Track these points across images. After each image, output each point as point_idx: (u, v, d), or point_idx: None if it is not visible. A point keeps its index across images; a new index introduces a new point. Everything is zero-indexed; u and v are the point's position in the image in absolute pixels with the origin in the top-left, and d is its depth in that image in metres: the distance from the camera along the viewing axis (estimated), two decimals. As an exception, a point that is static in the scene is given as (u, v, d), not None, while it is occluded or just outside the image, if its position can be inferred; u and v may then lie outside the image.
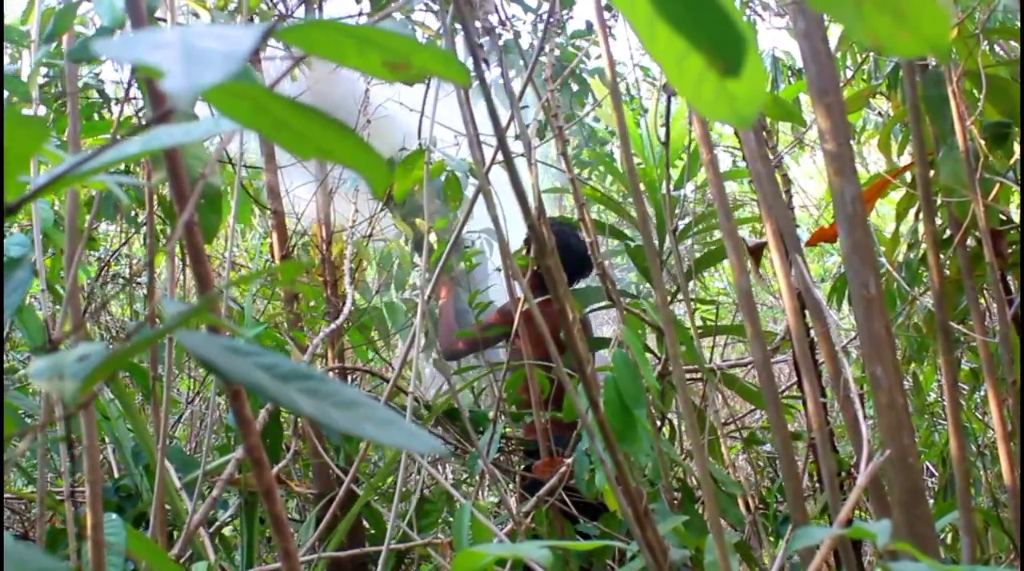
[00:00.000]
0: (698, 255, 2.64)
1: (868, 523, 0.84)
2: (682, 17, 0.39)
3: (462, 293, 3.28)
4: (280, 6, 2.45)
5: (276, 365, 0.45)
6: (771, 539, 2.15)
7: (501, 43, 2.43)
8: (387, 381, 2.48)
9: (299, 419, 2.61)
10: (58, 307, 1.96)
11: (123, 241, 3.17)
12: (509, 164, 0.85)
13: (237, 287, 2.78)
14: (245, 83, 0.45)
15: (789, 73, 3.89)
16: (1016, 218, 1.90)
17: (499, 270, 2.91)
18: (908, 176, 2.04)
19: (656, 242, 2.28)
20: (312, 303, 2.87)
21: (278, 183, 2.77)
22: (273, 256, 2.81)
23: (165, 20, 1.45)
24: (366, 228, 2.88)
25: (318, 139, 0.46)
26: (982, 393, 2.76)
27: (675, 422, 2.56)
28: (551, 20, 1.90)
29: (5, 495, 2.52)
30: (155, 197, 1.67)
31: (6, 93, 1.83)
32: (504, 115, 1.60)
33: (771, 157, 1.83)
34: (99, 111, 2.56)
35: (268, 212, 2.78)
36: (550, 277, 0.92)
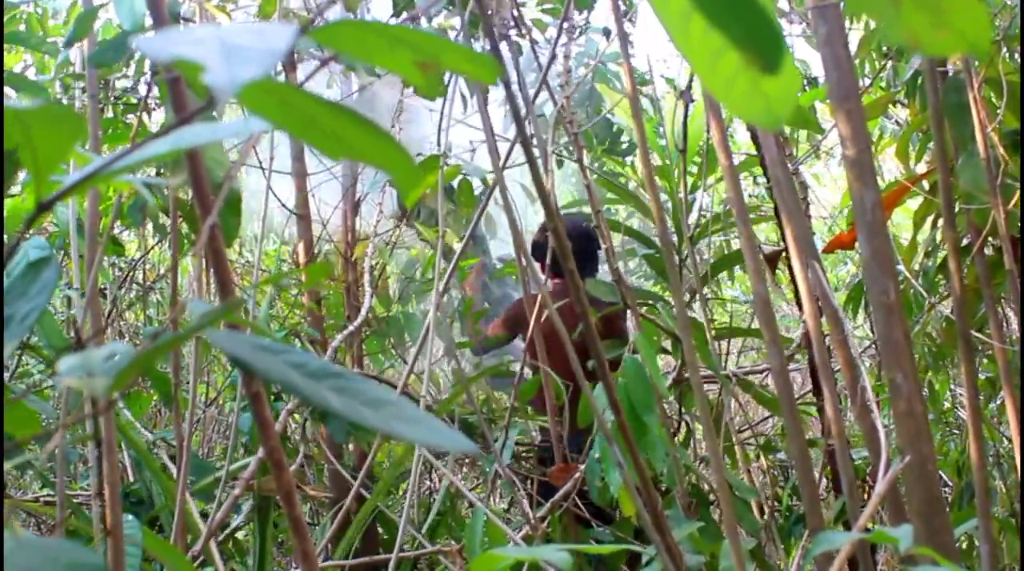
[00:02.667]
0: (713, 261, 2.63)
1: (887, 529, 0.83)
2: (720, 13, 0.39)
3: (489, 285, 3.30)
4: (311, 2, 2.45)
5: (306, 363, 0.45)
6: (785, 546, 2.14)
7: (525, 45, 2.43)
8: (395, 388, 2.48)
9: (307, 423, 2.61)
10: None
11: (149, 247, 3.17)
12: (532, 165, 0.85)
13: (257, 290, 2.79)
14: (275, 81, 0.45)
15: (804, 81, 3.88)
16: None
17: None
18: (925, 184, 2.03)
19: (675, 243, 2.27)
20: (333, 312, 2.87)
21: (306, 187, 2.77)
22: (297, 262, 2.81)
23: (193, 20, 1.46)
24: (390, 235, 2.88)
25: (349, 139, 0.45)
26: (998, 402, 2.74)
27: (690, 426, 2.55)
28: (564, 25, 1.91)
29: (23, 498, 2.53)
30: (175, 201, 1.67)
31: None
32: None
33: (789, 165, 1.83)
34: (122, 119, 2.55)
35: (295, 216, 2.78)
36: (572, 281, 0.92)
